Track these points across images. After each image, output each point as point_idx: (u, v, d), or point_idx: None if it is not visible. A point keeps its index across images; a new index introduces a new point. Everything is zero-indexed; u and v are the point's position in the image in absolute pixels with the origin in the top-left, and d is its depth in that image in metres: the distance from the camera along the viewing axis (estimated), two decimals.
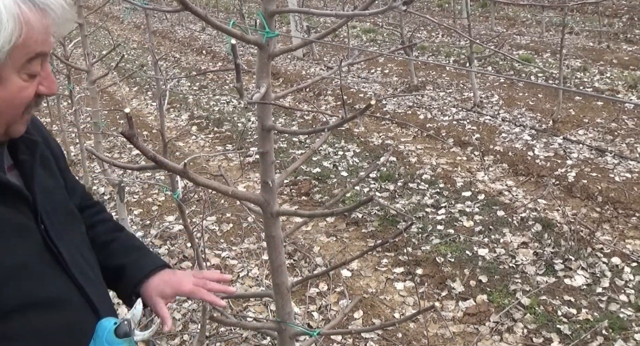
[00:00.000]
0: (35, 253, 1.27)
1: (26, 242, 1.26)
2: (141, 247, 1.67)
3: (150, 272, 1.58)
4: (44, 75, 1.25)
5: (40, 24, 1.18)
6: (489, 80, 9.36)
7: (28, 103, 1.24)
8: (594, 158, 6.02)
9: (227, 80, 10.66)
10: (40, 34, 1.18)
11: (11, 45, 1.13)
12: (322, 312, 3.85)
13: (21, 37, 1.14)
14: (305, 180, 5.79)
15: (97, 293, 1.41)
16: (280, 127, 1.65)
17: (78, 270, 1.35)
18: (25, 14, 1.14)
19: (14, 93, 1.19)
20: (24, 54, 1.17)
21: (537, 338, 3.54)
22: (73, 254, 1.36)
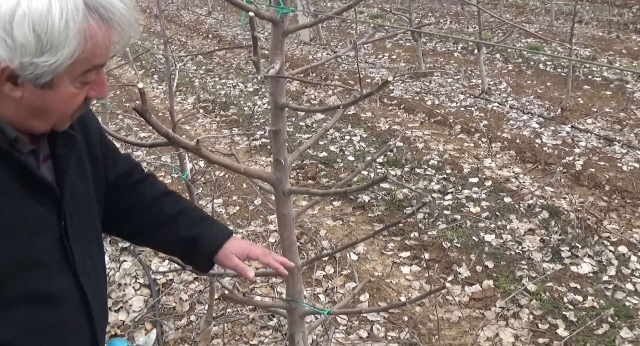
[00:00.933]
0: (49, 249, 1.28)
1: (44, 237, 1.27)
2: (208, 217, 1.70)
3: (222, 241, 1.62)
4: (97, 81, 1.25)
5: (104, 38, 1.17)
6: (497, 67, 9.32)
7: (77, 107, 1.25)
8: (602, 147, 6.00)
9: (233, 64, 10.64)
10: (103, 47, 1.18)
11: (72, 60, 1.13)
12: (329, 294, 3.86)
13: (84, 53, 1.14)
14: (312, 164, 5.78)
15: (95, 296, 1.42)
16: (294, 105, 1.64)
17: (83, 272, 1.37)
18: (92, 29, 1.13)
19: (65, 99, 1.20)
20: (82, 67, 1.17)
21: (543, 324, 3.54)
22: (83, 256, 1.38)
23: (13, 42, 1.07)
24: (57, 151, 1.32)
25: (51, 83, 1.14)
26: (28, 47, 1.08)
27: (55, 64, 1.11)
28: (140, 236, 1.67)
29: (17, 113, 1.18)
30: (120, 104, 8.46)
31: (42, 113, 1.21)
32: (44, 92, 1.15)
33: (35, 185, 1.24)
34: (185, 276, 4.06)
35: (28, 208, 1.23)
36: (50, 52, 1.09)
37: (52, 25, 1.08)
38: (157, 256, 4.35)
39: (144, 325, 3.66)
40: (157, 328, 3.58)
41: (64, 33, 1.09)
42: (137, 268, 4.19)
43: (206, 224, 1.65)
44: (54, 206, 1.29)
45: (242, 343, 3.44)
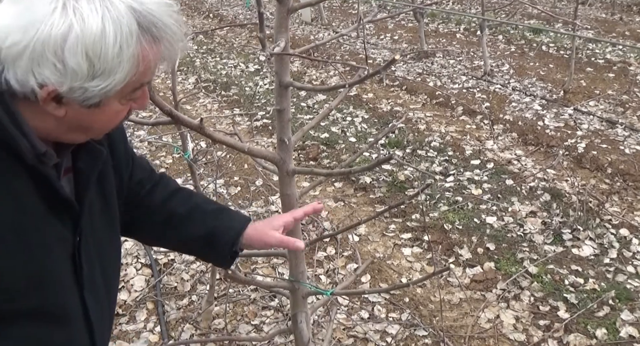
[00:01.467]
0: (61, 265, 1.24)
1: (59, 254, 1.23)
2: (223, 208, 1.65)
3: (244, 226, 1.58)
4: (141, 95, 1.22)
5: (155, 57, 1.13)
6: (499, 49, 9.27)
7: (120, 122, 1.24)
8: (604, 130, 5.98)
9: (235, 44, 10.58)
10: (153, 67, 1.14)
11: (124, 83, 1.09)
12: (330, 276, 3.86)
13: (135, 76, 1.10)
14: (314, 145, 5.77)
15: (100, 317, 1.38)
16: (298, 83, 1.62)
17: (91, 291, 1.32)
18: (145, 51, 1.09)
19: (110, 116, 1.18)
20: (131, 87, 1.14)
21: (544, 306, 3.54)
22: (93, 275, 1.33)
23: (64, 67, 1.02)
24: (80, 164, 1.28)
25: (99, 104, 1.11)
26: (80, 73, 1.03)
27: (107, 89, 1.07)
28: (157, 239, 1.64)
29: (57, 128, 1.15)
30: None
31: (84, 129, 1.18)
32: (90, 111, 1.12)
33: (56, 200, 1.20)
34: (186, 256, 4.06)
35: (47, 223, 1.19)
36: (101, 77, 1.06)
37: (106, 50, 1.03)
38: None
39: (145, 304, 3.67)
40: (159, 308, 3.59)
41: (118, 58, 1.05)
42: (139, 248, 4.19)
43: (224, 215, 1.60)
44: (71, 221, 1.25)
45: (244, 323, 3.44)
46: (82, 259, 1.28)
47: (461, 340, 3.29)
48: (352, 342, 3.29)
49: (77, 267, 1.27)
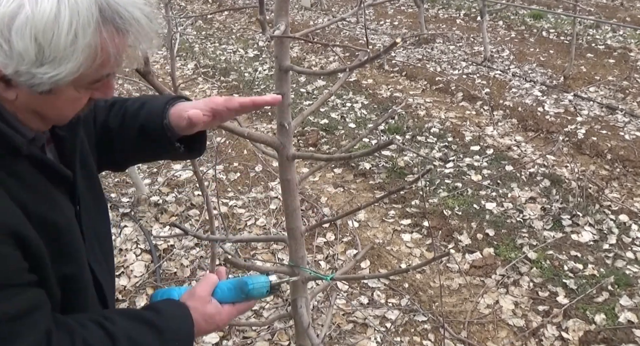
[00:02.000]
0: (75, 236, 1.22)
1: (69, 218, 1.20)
2: (145, 102, 1.47)
3: (170, 100, 1.40)
4: (104, 84, 1.14)
5: (117, 49, 1.05)
6: (499, 34, 9.23)
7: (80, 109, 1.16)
8: (604, 116, 5.97)
9: (234, 29, 10.52)
10: (113, 59, 1.06)
11: (77, 74, 1.02)
12: (330, 261, 3.86)
13: (91, 67, 1.03)
14: (313, 131, 5.75)
15: (107, 283, 1.37)
16: (298, 68, 1.61)
17: (93, 258, 1.31)
18: (105, 42, 1.01)
19: (66, 104, 1.11)
20: (88, 78, 1.07)
21: (543, 291, 3.55)
22: (92, 242, 1.31)
23: (10, 49, 0.96)
24: (60, 132, 1.23)
25: (50, 91, 1.04)
26: (27, 57, 0.96)
27: (57, 78, 1.00)
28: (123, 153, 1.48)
29: (15, 112, 1.08)
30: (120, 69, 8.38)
31: (40, 115, 1.12)
32: (42, 97, 1.05)
33: (53, 176, 1.17)
34: (187, 242, 4.06)
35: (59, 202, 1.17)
36: (51, 65, 0.98)
37: (58, 37, 0.96)
38: (158, 221, 4.35)
39: (145, 290, 3.67)
40: None
41: (71, 47, 0.97)
42: (138, 234, 4.19)
43: (150, 100, 1.45)
44: (67, 192, 1.22)
45: None
46: (84, 229, 1.26)
47: (460, 326, 3.30)
48: (352, 327, 3.29)
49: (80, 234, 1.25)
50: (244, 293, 1.37)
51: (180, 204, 4.54)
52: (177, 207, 4.51)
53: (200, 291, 1.33)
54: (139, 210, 4.46)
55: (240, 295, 1.37)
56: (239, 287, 1.37)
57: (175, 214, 4.44)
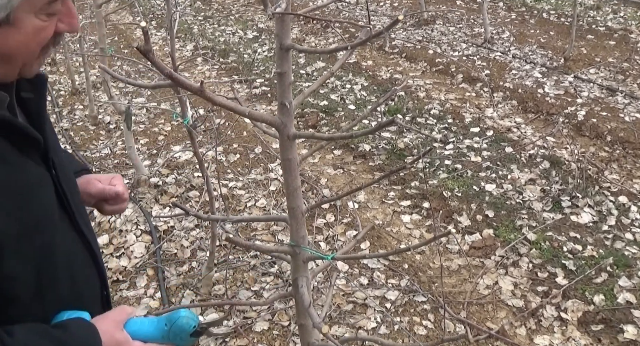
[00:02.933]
0: (51, 204, 1.19)
1: (44, 194, 1.17)
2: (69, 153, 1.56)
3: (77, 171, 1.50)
4: (65, 11, 1.10)
5: None
6: (500, 16, 9.18)
7: (46, 43, 1.10)
8: (604, 97, 5.95)
9: (233, 10, 10.47)
10: None
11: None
12: (329, 242, 3.87)
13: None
14: (313, 113, 5.74)
15: (96, 246, 1.36)
16: (300, 46, 1.59)
17: (83, 222, 1.29)
18: None
19: (29, 35, 1.05)
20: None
21: (542, 272, 3.56)
22: (77, 204, 1.29)
23: None
24: (25, 95, 1.19)
25: (8, 19, 0.99)
26: None
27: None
28: None
29: None
30: (118, 50, 8.35)
31: (7, 57, 1.06)
32: (3, 30, 1.01)
33: (22, 139, 1.12)
34: (187, 223, 4.07)
35: (26, 165, 1.13)
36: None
37: None
38: (158, 203, 4.35)
39: (145, 271, 3.69)
40: (159, 274, 3.61)
41: None
42: (138, 215, 4.19)
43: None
44: (39, 154, 1.18)
45: (244, 289, 3.46)
46: (67, 194, 1.24)
47: (460, 306, 3.32)
48: (352, 308, 3.31)
49: (62, 200, 1.23)
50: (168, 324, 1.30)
51: (180, 186, 4.54)
52: (177, 188, 4.51)
53: (114, 316, 1.26)
54: (138, 191, 4.46)
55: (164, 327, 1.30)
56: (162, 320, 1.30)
57: (175, 195, 4.44)
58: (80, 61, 7.07)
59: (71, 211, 1.25)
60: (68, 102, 6.49)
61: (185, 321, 1.31)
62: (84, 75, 5.71)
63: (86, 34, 6.99)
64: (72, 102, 6.47)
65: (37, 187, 1.15)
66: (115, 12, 8.16)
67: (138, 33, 9.31)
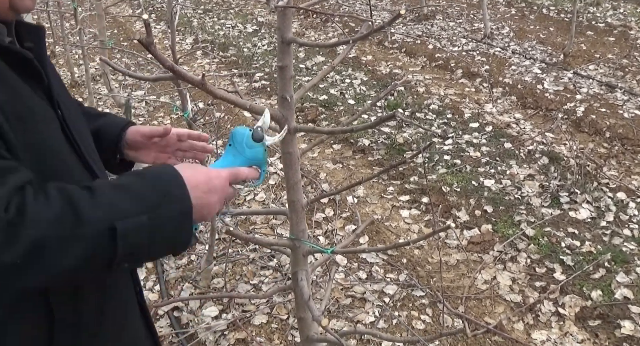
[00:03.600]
0: (60, 139, 1.20)
1: (52, 127, 1.18)
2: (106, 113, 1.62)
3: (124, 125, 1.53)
4: None
5: None
6: (499, 11, 9.18)
7: None
8: (603, 94, 5.96)
9: (232, 4, 10.45)
10: None
11: None
12: (328, 237, 3.88)
13: None
14: (312, 107, 5.74)
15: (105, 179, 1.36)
16: (301, 40, 1.60)
17: (92, 161, 1.30)
18: None
19: None
20: None
21: (540, 268, 3.57)
22: (87, 146, 1.31)
23: None
24: (26, 45, 1.22)
25: None
26: None
27: None
28: None
29: None
30: (118, 43, 8.34)
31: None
32: None
33: (30, 76, 1.16)
34: None
35: (32, 98, 1.14)
36: None
37: None
38: None
39: (144, 264, 3.69)
40: (158, 267, 3.61)
41: None
42: None
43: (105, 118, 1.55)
44: (46, 96, 1.20)
45: (243, 282, 3.47)
46: (74, 134, 1.25)
47: (458, 301, 3.33)
48: (350, 302, 3.32)
49: (72, 141, 1.24)
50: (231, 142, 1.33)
51: None
52: None
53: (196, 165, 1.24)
54: None
55: (229, 148, 1.33)
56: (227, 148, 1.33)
57: None
58: (79, 54, 7.05)
59: (81, 153, 1.26)
60: None
61: (239, 131, 1.34)
62: (84, 67, 5.71)
63: (86, 26, 6.99)
64: (71, 94, 6.46)
65: (41, 117, 1.15)
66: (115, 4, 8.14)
67: (138, 25, 9.30)
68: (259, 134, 1.34)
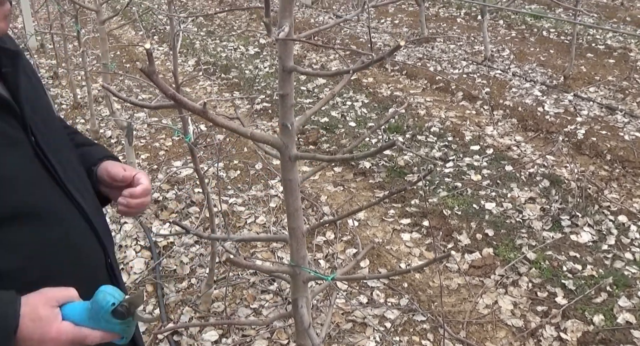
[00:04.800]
0: (26, 164, 1.23)
1: (17, 154, 1.21)
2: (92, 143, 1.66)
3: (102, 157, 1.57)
4: None
5: None
6: (500, 34, 9.23)
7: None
8: (604, 116, 5.98)
9: (235, 26, 10.52)
10: None
11: None
12: (329, 260, 3.87)
13: None
14: (313, 129, 5.76)
15: (91, 206, 1.39)
16: (302, 69, 1.61)
17: (71, 184, 1.32)
18: None
19: None
20: None
21: (542, 292, 3.56)
22: (65, 168, 1.33)
23: None
24: (4, 69, 1.27)
25: None
26: None
27: None
28: None
29: None
30: (120, 65, 8.38)
31: None
32: None
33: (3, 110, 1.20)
34: (186, 239, 4.07)
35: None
36: None
37: None
38: (158, 218, 4.35)
39: (144, 286, 3.68)
40: (158, 291, 3.60)
41: None
42: (138, 230, 4.19)
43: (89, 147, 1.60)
44: (17, 122, 1.24)
45: (243, 306, 3.45)
46: (49, 156, 1.28)
47: (459, 326, 3.31)
48: (351, 326, 3.30)
49: (46, 164, 1.27)
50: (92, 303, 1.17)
51: (180, 201, 4.55)
52: (177, 204, 4.51)
53: (52, 292, 1.15)
54: None
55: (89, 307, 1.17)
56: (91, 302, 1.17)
57: (175, 211, 4.45)
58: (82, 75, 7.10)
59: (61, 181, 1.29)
60: (70, 116, 6.50)
61: (102, 296, 1.17)
62: (86, 89, 5.74)
63: (88, 48, 7.03)
64: (73, 116, 6.49)
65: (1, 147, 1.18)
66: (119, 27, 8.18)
67: (140, 48, 9.35)
68: (120, 312, 1.18)
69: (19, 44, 1.60)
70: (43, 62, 8.63)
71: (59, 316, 1.13)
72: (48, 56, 8.89)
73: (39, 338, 1.10)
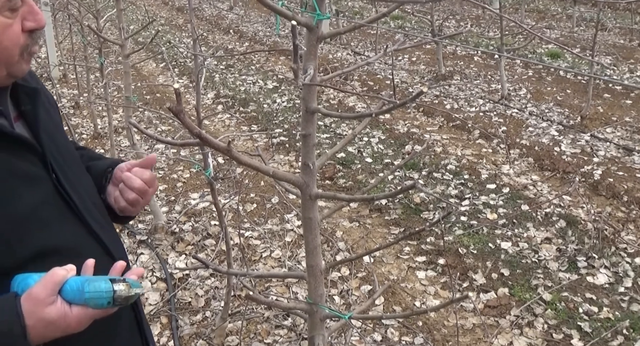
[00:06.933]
0: (47, 201, 1.25)
1: (37, 191, 1.24)
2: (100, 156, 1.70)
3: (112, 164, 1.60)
4: (26, 9, 1.20)
5: None
6: (517, 73, 9.28)
7: (21, 43, 1.20)
8: (621, 157, 5.97)
9: (254, 60, 10.66)
10: None
11: None
12: (344, 296, 3.87)
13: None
14: (330, 165, 5.79)
15: (109, 237, 1.41)
16: (325, 110, 1.65)
17: (90, 216, 1.35)
18: None
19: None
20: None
21: (557, 334, 3.53)
22: (84, 201, 1.36)
23: None
24: (24, 107, 1.30)
25: None
26: None
27: None
28: None
29: None
30: (141, 96, 8.50)
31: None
32: None
33: (12, 143, 1.21)
34: (202, 271, 4.09)
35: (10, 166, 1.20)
36: None
37: None
38: (174, 250, 4.38)
39: (159, 318, 3.69)
40: (173, 323, 3.61)
41: None
42: (154, 262, 4.22)
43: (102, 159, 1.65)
44: (39, 161, 1.26)
45: (257, 341, 3.45)
46: (69, 192, 1.30)
47: None
48: None
49: (67, 201, 1.30)
50: (82, 299, 1.14)
51: (197, 234, 4.58)
52: (193, 236, 4.54)
53: (37, 293, 1.12)
54: (155, 238, 4.50)
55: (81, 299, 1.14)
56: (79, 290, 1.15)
57: (192, 243, 4.48)
58: (103, 105, 7.20)
59: (75, 207, 1.32)
60: (90, 146, 6.59)
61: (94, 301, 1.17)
62: (107, 120, 5.83)
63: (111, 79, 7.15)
64: (93, 146, 6.57)
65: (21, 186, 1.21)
66: (144, 60, 8.33)
67: (161, 79, 9.49)
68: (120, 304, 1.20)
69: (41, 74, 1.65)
70: (65, 91, 8.78)
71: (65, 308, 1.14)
72: (70, 86, 9.04)
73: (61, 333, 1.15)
